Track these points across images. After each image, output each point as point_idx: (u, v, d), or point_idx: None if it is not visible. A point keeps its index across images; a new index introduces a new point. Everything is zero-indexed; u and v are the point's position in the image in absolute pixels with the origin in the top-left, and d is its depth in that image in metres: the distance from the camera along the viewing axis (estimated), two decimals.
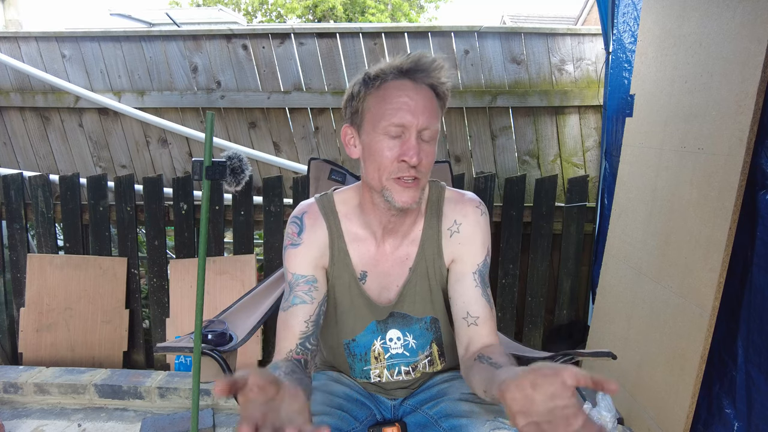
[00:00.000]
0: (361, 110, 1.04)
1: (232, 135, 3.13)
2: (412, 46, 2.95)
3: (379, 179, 1.03)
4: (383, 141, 1.01)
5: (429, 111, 1.01)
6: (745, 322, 1.52)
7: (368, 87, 1.03)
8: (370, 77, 1.03)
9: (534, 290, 2.72)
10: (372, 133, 1.03)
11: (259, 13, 14.61)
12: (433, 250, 1.14)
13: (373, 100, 1.03)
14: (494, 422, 1.01)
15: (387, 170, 1.02)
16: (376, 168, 1.03)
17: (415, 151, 0.99)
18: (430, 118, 1.01)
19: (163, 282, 2.82)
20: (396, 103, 1.00)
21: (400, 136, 1.00)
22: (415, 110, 0.99)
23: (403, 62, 1.02)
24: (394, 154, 1.01)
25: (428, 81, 1.02)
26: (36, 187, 2.81)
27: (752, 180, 1.45)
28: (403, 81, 1.02)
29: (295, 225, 1.14)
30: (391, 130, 1.00)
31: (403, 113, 0.99)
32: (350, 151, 1.09)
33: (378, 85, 1.02)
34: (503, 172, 2.98)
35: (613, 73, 2.48)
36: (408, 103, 1.00)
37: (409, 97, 1.00)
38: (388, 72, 1.02)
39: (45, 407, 2.39)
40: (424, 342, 1.18)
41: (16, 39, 3.18)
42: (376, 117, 1.02)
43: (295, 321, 1.08)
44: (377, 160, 1.02)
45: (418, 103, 1.00)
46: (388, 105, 1.00)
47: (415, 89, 1.01)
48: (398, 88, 1.01)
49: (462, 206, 1.16)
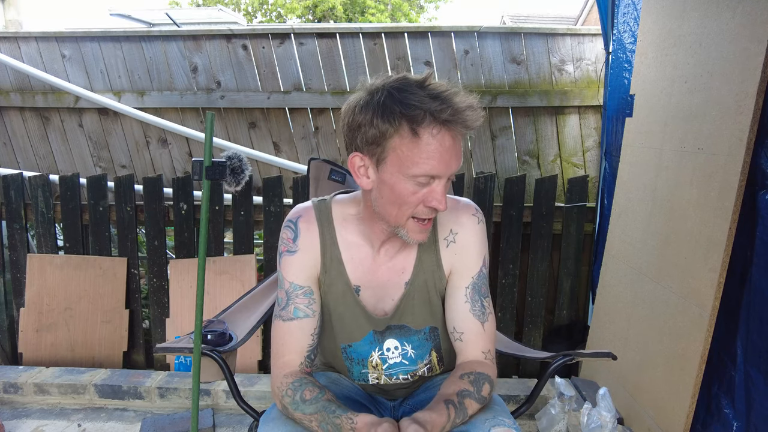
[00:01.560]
0: (385, 147, 0.95)
1: (232, 135, 3.13)
2: (412, 46, 2.95)
3: (396, 217, 1.00)
4: (410, 186, 0.96)
5: (459, 156, 0.98)
6: (744, 322, 1.52)
7: (397, 126, 0.92)
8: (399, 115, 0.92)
9: (534, 290, 2.72)
10: (397, 175, 0.96)
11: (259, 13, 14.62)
12: (431, 261, 1.13)
13: (400, 141, 0.93)
14: (493, 420, 1.01)
15: (408, 212, 0.99)
16: (396, 207, 0.99)
17: (444, 197, 0.97)
18: (459, 162, 0.98)
19: (163, 282, 2.82)
20: (432, 154, 0.93)
21: (429, 182, 0.97)
22: (450, 161, 0.95)
23: (444, 111, 0.91)
24: (419, 198, 0.97)
25: (467, 129, 0.95)
26: (36, 187, 2.81)
27: (752, 180, 1.45)
28: (443, 132, 0.93)
29: (290, 230, 1.13)
30: (422, 180, 0.95)
31: (437, 164, 0.94)
32: (360, 181, 1.01)
33: (411, 128, 0.92)
34: (503, 172, 2.98)
35: (613, 73, 2.48)
36: (445, 156, 0.94)
37: (447, 150, 0.94)
38: (426, 118, 0.92)
39: (45, 407, 2.39)
40: (424, 351, 1.17)
41: (16, 39, 3.18)
42: (405, 162, 0.94)
43: (301, 335, 1.09)
44: (398, 202, 0.98)
45: (454, 154, 0.95)
46: (422, 155, 0.93)
47: (453, 138, 0.94)
48: (435, 138, 0.93)
49: (457, 214, 1.13)
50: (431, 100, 0.92)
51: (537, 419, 2.13)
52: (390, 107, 0.93)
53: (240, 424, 2.28)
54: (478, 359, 1.09)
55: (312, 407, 0.98)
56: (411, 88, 0.93)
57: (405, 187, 0.96)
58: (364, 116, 0.95)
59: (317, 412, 0.97)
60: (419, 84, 0.94)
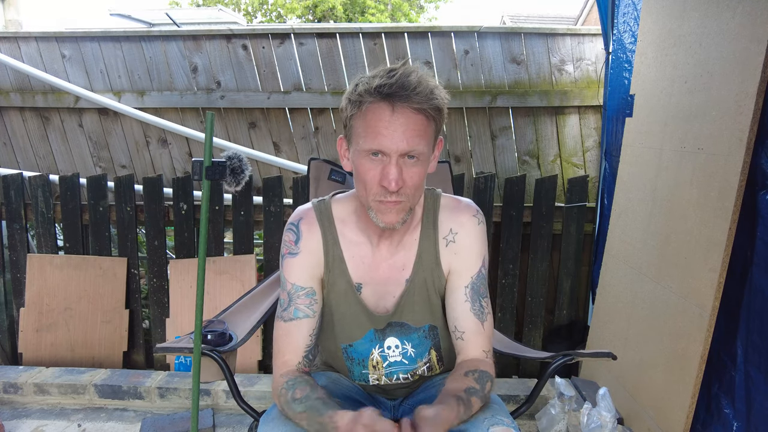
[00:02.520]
0: (349, 127, 1.02)
1: (232, 135, 3.13)
2: (412, 46, 2.95)
3: (365, 197, 1.03)
4: (366, 163, 0.99)
5: (412, 134, 0.96)
6: (744, 322, 1.52)
7: (352, 105, 0.99)
8: (353, 94, 0.99)
9: (534, 290, 2.72)
10: (357, 153, 1.01)
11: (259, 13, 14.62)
12: (430, 260, 1.14)
13: (356, 120, 1.00)
14: (492, 419, 1.02)
15: (371, 192, 1.01)
16: (362, 187, 1.02)
17: (395, 177, 0.97)
18: (413, 140, 0.96)
19: (163, 282, 2.82)
20: (374, 128, 0.96)
21: (381, 160, 0.98)
22: (395, 136, 0.96)
23: (384, 84, 0.96)
24: (376, 177, 0.99)
25: (410, 106, 0.96)
26: (36, 187, 2.81)
27: (752, 180, 1.45)
28: (382, 104, 0.96)
29: (291, 232, 1.14)
30: (370, 154, 0.98)
31: (381, 139, 0.96)
32: (344, 163, 1.08)
33: (359, 105, 0.98)
34: (503, 172, 2.98)
35: (613, 73, 2.48)
36: (386, 129, 0.96)
37: (388, 123, 0.96)
38: (368, 93, 0.97)
39: (45, 407, 2.39)
40: (423, 350, 1.18)
41: (16, 39, 3.18)
42: (358, 138, 0.99)
43: (300, 335, 1.09)
44: (362, 180, 1.01)
45: (398, 129, 0.96)
46: (368, 129, 0.97)
47: (396, 114, 0.96)
48: (376, 113, 0.97)
49: (458, 214, 1.14)
50: (380, 78, 0.97)
51: (537, 419, 2.13)
52: (352, 90, 1.00)
53: (240, 424, 2.28)
54: (479, 358, 1.09)
55: (301, 406, 0.98)
56: (377, 73, 0.99)
57: (362, 163, 1.00)
58: (342, 103, 1.03)
59: (305, 411, 0.97)
60: (387, 69, 0.99)
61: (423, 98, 0.96)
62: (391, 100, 0.96)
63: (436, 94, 0.98)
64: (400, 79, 0.95)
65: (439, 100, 0.99)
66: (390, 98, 0.95)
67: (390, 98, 0.95)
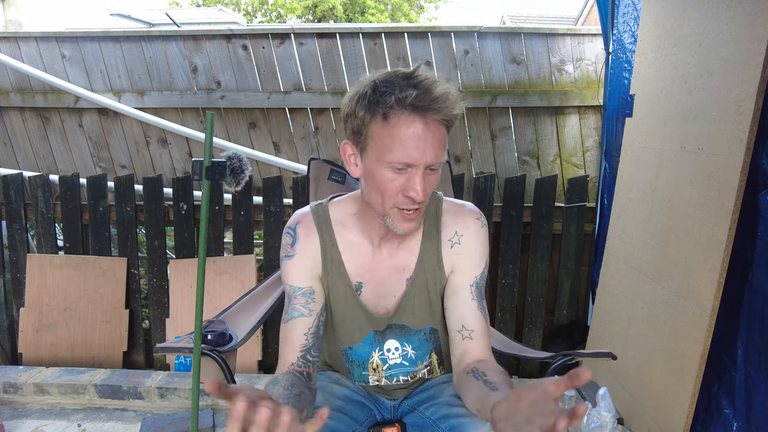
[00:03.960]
0: (365, 135, 0.98)
1: (232, 135, 3.13)
2: (412, 46, 2.95)
3: (381, 205, 1.01)
4: (388, 173, 0.97)
5: (438, 146, 0.96)
6: (744, 322, 1.52)
7: (373, 114, 0.95)
8: (375, 103, 0.94)
9: (534, 290, 2.72)
10: (376, 163, 0.98)
11: (259, 13, 14.61)
12: (432, 261, 1.13)
13: (378, 130, 0.96)
14: None
15: (390, 200, 0.99)
16: (379, 195, 1.00)
17: (422, 188, 0.96)
18: (438, 152, 0.96)
19: (163, 282, 2.82)
20: (405, 141, 0.94)
21: (406, 171, 0.97)
22: (425, 149, 0.94)
23: (414, 96, 0.92)
24: (399, 187, 0.97)
25: (439, 118, 0.95)
26: (36, 187, 2.81)
27: (752, 180, 1.45)
28: (413, 117, 0.93)
29: (288, 236, 1.14)
30: (397, 166, 0.96)
31: (411, 152, 0.94)
32: (351, 169, 1.04)
33: (384, 114, 0.94)
34: (503, 172, 2.98)
35: (613, 73, 2.48)
36: (418, 143, 0.94)
37: (419, 137, 0.94)
38: (396, 104, 0.93)
39: (45, 407, 2.39)
40: (424, 352, 1.17)
41: (16, 39, 3.18)
42: (381, 149, 0.96)
43: (295, 334, 1.08)
44: (380, 190, 0.99)
45: (428, 141, 0.94)
46: (396, 142, 0.94)
47: (426, 126, 0.94)
48: (407, 126, 0.94)
49: (463, 217, 1.14)
50: (404, 88, 0.93)
51: None
52: (369, 97, 0.95)
53: None
54: (489, 359, 1.08)
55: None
56: (393, 79, 0.95)
57: (383, 174, 0.97)
58: (351, 107, 0.99)
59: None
60: (404, 75, 0.96)
61: (452, 110, 0.95)
62: (423, 113, 0.93)
63: (459, 102, 0.98)
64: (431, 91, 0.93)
65: (461, 108, 0.99)
66: (423, 111, 0.93)
67: (423, 111, 0.93)
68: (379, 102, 0.94)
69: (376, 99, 0.94)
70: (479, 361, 1.06)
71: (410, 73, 0.96)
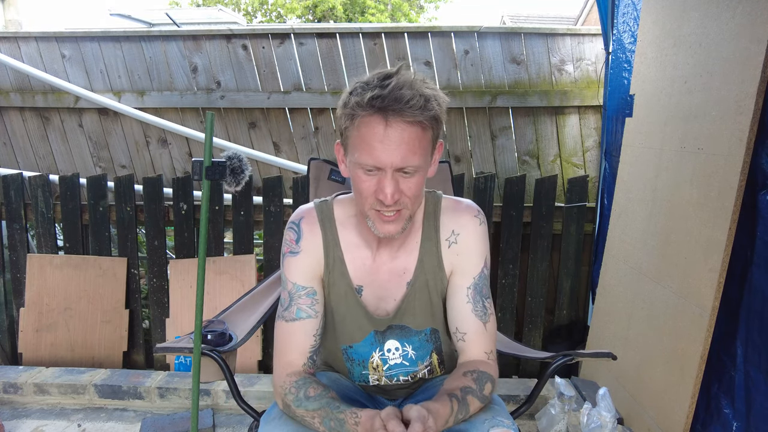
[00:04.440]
0: (345, 136, 1.00)
1: (232, 135, 3.13)
2: (412, 46, 2.95)
3: (362, 206, 1.02)
4: (361, 175, 0.98)
5: (406, 149, 0.93)
6: (744, 322, 1.52)
7: (347, 116, 0.96)
8: (346, 104, 0.96)
9: (534, 290, 2.72)
10: (352, 164, 1.00)
11: (259, 13, 14.61)
12: (433, 262, 1.13)
13: (350, 131, 0.97)
14: (492, 420, 1.02)
15: (368, 202, 1.00)
16: (359, 196, 1.02)
17: (391, 192, 0.95)
18: (407, 155, 0.94)
19: (163, 282, 2.82)
20: (369, 143, 0.94)
21: (376, 173, 0.96)
22: (389, 151, 0.93)
23: (377, 97, 0.92)
24: (372, 189, 0.98)
25: (404, 119, 0.92)
26: (36, 187, 2.81)
27: (752, 180, 1.45)
28: (376, 118, 0.93)
29: (292, 231, 1.13)
30: (365, 167, 0.96)
31: (375, 153, 0.93)
32: (341, 169, 1.07)
33: (352, 116, 0.95)
34: (503, 172, 2.98)
35: (613, 73, 2.48)
36: (381, 145, 0.93)
37: (381, 138, 0.93)
38: (359, 106, 0.93)
39: (45, 407, 2.39)
40: (424, 353, 1.17)
41: (16, 39, 3.18)
42: (353, 150, 0.97)
43: (303, 336, 1.08)
44: (358, 191, 1.01)
45: (392, 144, 0.93)
46: (362, 143, 0.95)
47: (388, 127, 0.92)
48: (370, 126, 0.93)
49: (459, 215, 1.13)
50: (371, 89, 0.94)
51: (537, 419, 2.13)
52: (345, 98, 0.98)
53: (240, 424, 2.28)
54: (480, 359, 1.09)
55: (315, 404, 0.98)
56: (370, 80, 0.96)
57: (358, 176, 0.99)
58: (338, 109, 1.01)
59: (320, 408, 0.97)
60: (382, 76, 0.96)
61: (417, 111, 0.92)
62: (384, 114, 0.92)
63: (432, 104, 0.95)
64: (393, 92, 0.92)
65: (435, 109, 0.95)
66: (383, 112, 0.92)
67: (383, 112, 0.92)
68: (348, 104, 0.96)
69: (347, 100, 0.97)
70: (467, 362, 1.09)
71: (387, 74, 0.96)
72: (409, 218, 1.03)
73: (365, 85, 0.95)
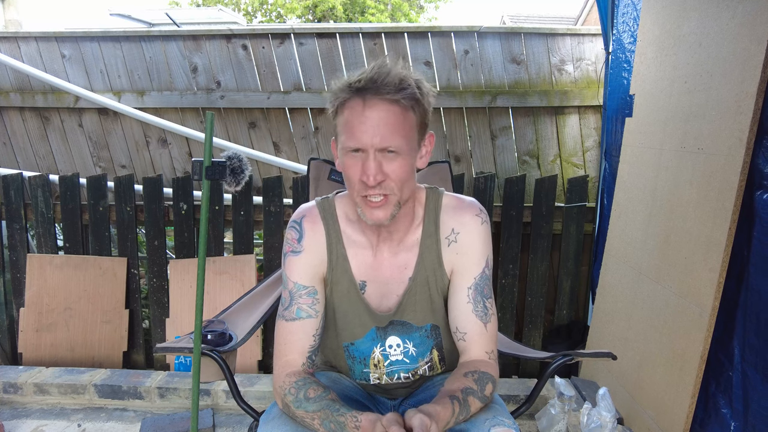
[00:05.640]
0: (335, 126, 1.04)
1: (232, 135, 3.13)
2: (412, 46, 2.95)
3: (352, 194, 1.04)
4: (348, 160, 1.01)
5: (386, 128, 0.97)
6: (741, 322, 1.52)
7: (332, 104, 1.02)
8: (332, 94, 1.01)
9: (534, 290, 2.72)
10: (341, 152, 1.03)
11: (259, 13, 14.61)
12: (432, 259, 1.13)
13: (337, 118, 1.02)
14: (493, 420, 1.02)
15: (355, 188, 1.02)
16: (349, 185, 1.04)
17: (372, 172, 0.97)
18: (388, 135, 0.97)
19: (163, 282, 2.82)
20: (351, 124, 0.98)
21: (360, 156, 0.99)
22: (368, 130, 0.96)
23: (355, 80, 0.97)
24: (357, 173, 1.00)
25: (381, 97, 0.96)
26: (36, 187, 2.81)
27: (749, 180, 1.45)
28: (354, 99, 0.98)
29: (294, 230, 1.14)
30: (349, 150, 0.99)
31: (357, 134, 0.97)
32: (336, 164, 1.09)
33: (337, 104, 1.00)
34: (503, 172, 2.98)
35: (612, 73, 2.48)
36: (361, 125, 0.97)
37: (361, 118, 0.97)
38: (341, 90, 0.99)
39: (45, 407, 2.39)
40: (425, 349, 1.17)
41: (16, 39, 3.18)
42: (340, 136, 1.02)
43: (303, 335, 1.09)
44: (346, 177, 1.03)
45: (371, 123, 0.96)
46: (345, 126, 0.99)
47: (367, 107, 0.97)
48: (350, 108, 0.98)
49: (460, 214, 1.13)
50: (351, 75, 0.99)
51: (537, 419, 2.13)
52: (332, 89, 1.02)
53: (240, 424, 2.28)
54: (481, 359, 1.09)
55: (315, 405, 0.98)
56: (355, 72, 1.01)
57: (345, 162, 1.02)
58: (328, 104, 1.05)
59: (320, 410, 0.97)
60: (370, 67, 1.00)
61: (393, 88, 0.96)
62: (362, 94, 0.97)
63: (408, 82, 0.98)
64: (369, 74, 0.97)
65: (412, 88, 0.98)
66: (361, 92, 0.97)
67: (361, 92, 0.97)
68: (333, 93, 1.01)
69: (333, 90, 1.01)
70: (470, 361, 1.09)
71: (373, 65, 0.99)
72: (397, 205, 1.03)
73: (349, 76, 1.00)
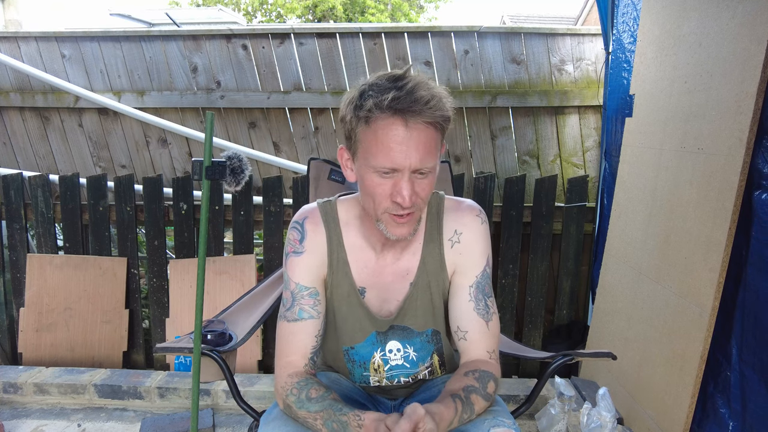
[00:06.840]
0: (354, 139, 0.98)
1: (232, 135, 3.13)
2: (412, 46, 2.95)
3: (373, 210, 1.01)
4: (375, 178, 0.96)
5: (424, 150, 0.93)
6: (739, 322, 1.52)
7: (358, 118, 0.95)
8: (359, 107, 0.94)
9: (534, 290, 2.72)
10: (364, 167, 0.98)
11: (259, 13, 14.61)
12: (435, 263, 1.13)
13: (363, 133, 0.95)
14: (493, 420, 1.02)
15: (381, 206, 0.99)
16: (370, 200, 1.00)
17: (408, 193, 0.95)
18: (425, 156, 0.94)
19: (163, 282, 2.82)
20: (387, 145, 0.92)
21: (392, 175, 0.95)
22: (408, 153, 0.92)
23: (392, 99, 0.91)
24: (386, 192, 0.97)
25: (423, 120, 0.92)
26: (36, 187, 2.81)
27: (748, 180, 1.45)
28: (394, 120, 0.92)
29: (296, 231, 1.13)
30: (382, 170, 0.95)
31: (394, 156, 0.93)
32: (347, 174, 1.05)
33: (367, 118, 0.94)
34: (503, 172, 2.98)
35: (612, 73, 2.48)
36: (400, 146, 0.92)
37: (400, 140, 0.92)
38: (378, 108, 0.92)
39: (45, 407, 2.39)
40: (425, 354, 1.17)
41: (16, 39, 3.18)
42: (367, 154, 0.96)
43: (305, 336, 1.08)
44: (370, 194, 0.99)
45: (411, 145, 0.92)
46: (378, 145, 0.93)
47: (407, 129, 0.92)
48: (388, 129, 0.92)
49: (461, 215, 1.14)
50: (385, 90, 0.92)
51: (537, 419, 2.13)
52: (355, 101, 0.96)
53: (240, 424, 2.28)
54: (482, 358, 1.09)
55: (317, 405, 0.98)
56: (380, 81, 0.95)
57: (371, 179, 0.97)
58: (342, 111, 0.99)
59: (323, 410, 0.97)
60: (392, 78, 0.95)
61: (436, 112, 0.93)
62: (403, 115, 0.92)
63: (445, 104, 0.95)
64: (412, 93, 0.91)
65: (449, 110, 0.96)
66: (402, 114, 0.91)
67: (402, 114, 0.91)
68: (362, 106, 0.94)
69: (360, 103, 0.94)
70: (470, 361, 1.09)
71: (398, 76, 0.95)
72: (419, 219, 1.04)
73: (378, 87, 0.94)
